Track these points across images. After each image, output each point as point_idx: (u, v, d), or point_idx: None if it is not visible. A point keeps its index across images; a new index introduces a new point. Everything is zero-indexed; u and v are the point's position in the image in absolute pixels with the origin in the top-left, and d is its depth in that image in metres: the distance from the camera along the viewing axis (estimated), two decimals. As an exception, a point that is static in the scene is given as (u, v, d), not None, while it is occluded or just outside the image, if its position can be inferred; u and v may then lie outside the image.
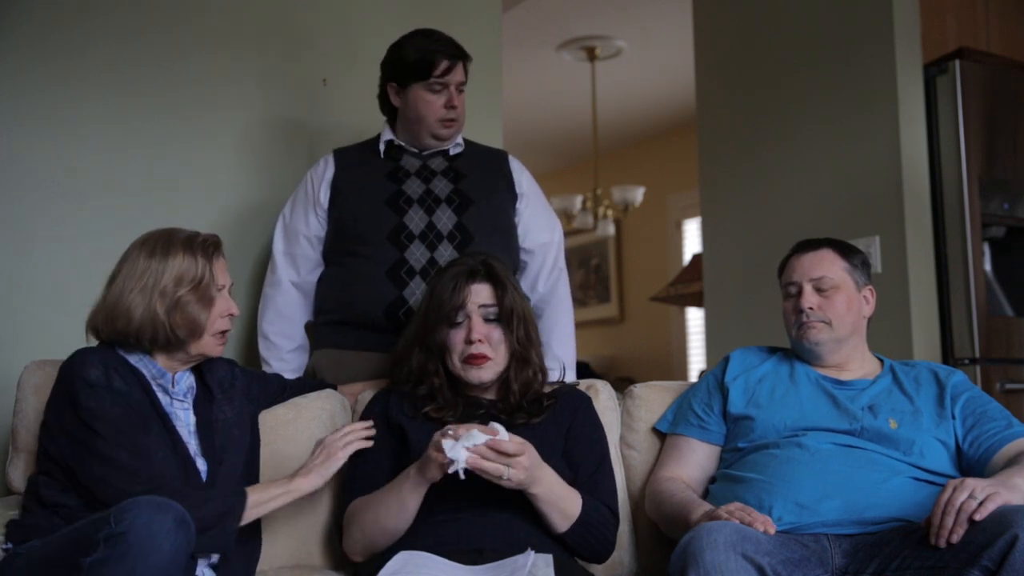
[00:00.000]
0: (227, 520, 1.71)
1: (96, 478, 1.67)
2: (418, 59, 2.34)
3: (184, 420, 1.82)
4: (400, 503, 1.79)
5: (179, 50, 2.71)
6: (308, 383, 2.21)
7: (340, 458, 1.87)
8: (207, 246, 1.84)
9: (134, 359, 1.81)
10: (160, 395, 1.80)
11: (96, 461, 1.67)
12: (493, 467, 1.68)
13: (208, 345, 1.83)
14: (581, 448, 1.96)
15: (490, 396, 2.00)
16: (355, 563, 1.92)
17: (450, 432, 1.70)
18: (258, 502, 1.78)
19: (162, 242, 1.81)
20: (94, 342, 1.85)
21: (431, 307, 1.97)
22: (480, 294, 1.94)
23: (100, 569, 1.41)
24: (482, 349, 1.91)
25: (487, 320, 1.94)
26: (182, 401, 1.84)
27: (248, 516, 1.76)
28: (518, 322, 1.95)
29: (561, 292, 2.53)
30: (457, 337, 1.93)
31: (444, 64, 2.34)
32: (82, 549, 1.44)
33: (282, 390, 2.12)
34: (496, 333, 1.94)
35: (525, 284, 2.50)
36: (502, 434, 1.70)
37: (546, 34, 5.44)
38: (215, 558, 1.75)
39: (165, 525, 1.44)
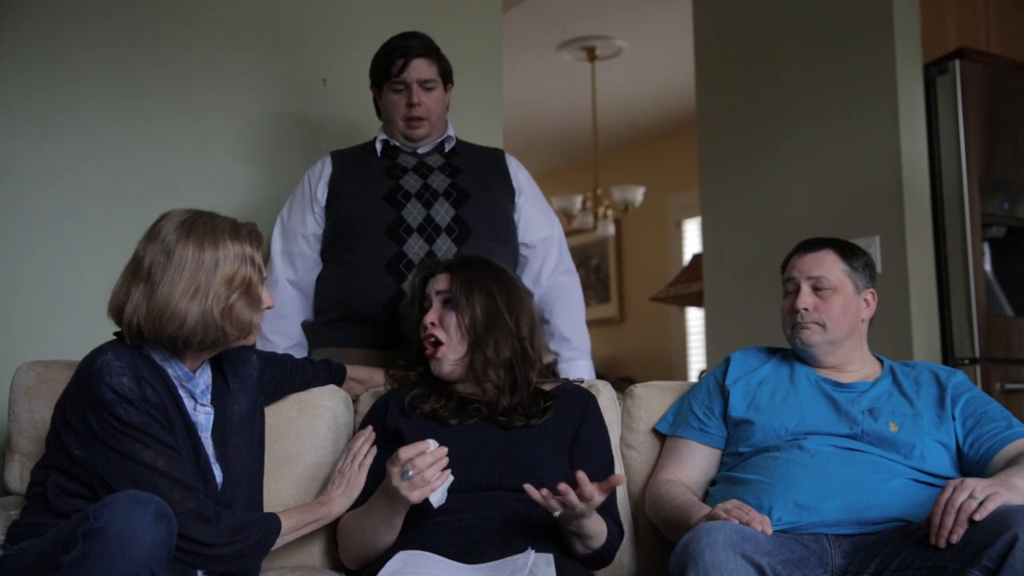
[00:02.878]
0: (262, 546, 1.73)
1: (145, 485, 1.58)
2: (380, 60, 2.40)
3: (205, 424, 1.77)
4: (385, 523, 1.80)
5: (178, 51, 2.71)
6: (320, 367, 2.16)
7: (360, 482, 1.90)
8: (253, 236, 1.73)
9: (159, 357, 1.72)
10: (186, 400, 1.74)
11: (144, 472, 1.61)
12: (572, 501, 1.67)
13: (249, 340, 1.78)
14: (591, 457, 1.93)
15: (482, 397, 1.97)
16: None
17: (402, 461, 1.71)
18: (290, 529, 1.79)
19: (208, 234, 1.68)
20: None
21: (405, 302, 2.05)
22: (439, 282, 1.99)
23: (79, 565, 1.38)
24: (434, 331, 1.94)
25: (445, 304, 1.96)
26: (206, 406, 1.78)
27: (279, 543, 1.76)
28: (474, 310, 1.93)
29: (568, 287, 2.52)
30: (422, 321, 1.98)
31: (399, 63, 2.35)
32: (63, 546, 1.41)
33: (293, 373, 2.07)
34: (448, 318, 1.94)
35: (528, 279, 2.49)
36: (431, 446, 1.73)
37: (546, 34, 5.44)
38: None
39: (145, 519, 1.41)
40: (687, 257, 6.49)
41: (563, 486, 1.64)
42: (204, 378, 1.79)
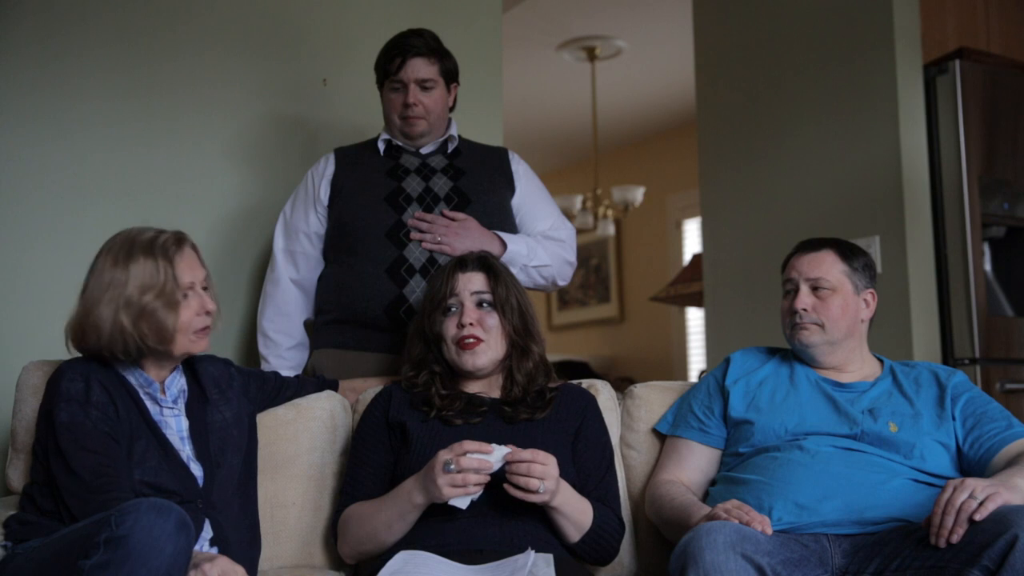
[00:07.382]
0: None
1: (62, 489, 1.65)
2: (382, 58, 2.40)
3: (175, 427, 1.80)
4: (401, 518, 1.79)
5: (178, 51, 2.71)
6: (308, 380, 2.20)
7: None
8: (167, 247, 1.76)
9: (121, 368, 1.78)
10: (149, 404, 1.78)
11: (62, 473, 1.65)
12: (525, 481, 1.70)
13: (185, 345, 1.78)
14: (591, 453, 1.95)
15: (493, 395, 1.99)
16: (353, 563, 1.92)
17: (455, 456, 1.69)
18: None
19: (124, 248, 1.76)
20: (76, 352, 1.80)
21: (427, 299, 2.01)
22: (472, 281, 1.97)
23: (100, 572, 1.39)
24: (473, 331, 1.92)
25: (479, 306, 1.96)
26: (172, 408, 1.81)
27: None
28: (513, 311, 1.97)
29: (556, 253, 2.46)
30: (450, 324, 1.95)
31: (397, 61, 2.36)
32: (82, 551, 1.42)
33: (280, 388, 2.10)
34: (490, 319, 1.95)
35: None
36: (497, 452, 1.71)
37: (546, 34, 5.44)
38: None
39: (166, 528, 1.42)
40: (687, 257, 6.49)
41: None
42: (177, 385, 1.84)
